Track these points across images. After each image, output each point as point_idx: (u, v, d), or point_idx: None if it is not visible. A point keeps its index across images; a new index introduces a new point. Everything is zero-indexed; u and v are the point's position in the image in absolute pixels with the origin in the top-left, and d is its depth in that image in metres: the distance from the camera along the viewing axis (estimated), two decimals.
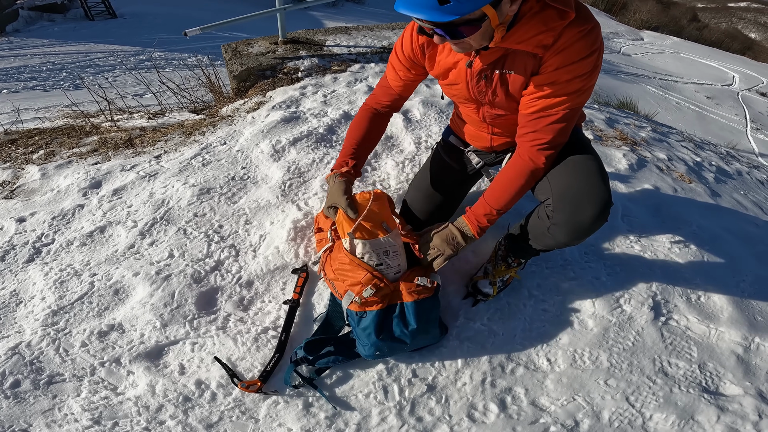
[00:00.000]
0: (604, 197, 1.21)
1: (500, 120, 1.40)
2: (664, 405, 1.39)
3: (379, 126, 1.55)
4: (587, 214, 1.21)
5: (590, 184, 1.23)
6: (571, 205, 1.24)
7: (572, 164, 1.29)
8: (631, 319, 1.59)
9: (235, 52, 3.30)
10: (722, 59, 16.77)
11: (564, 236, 1.29)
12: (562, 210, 1.26)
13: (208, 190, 2.01)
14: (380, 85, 1.53)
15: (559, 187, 1.28)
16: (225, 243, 1.77)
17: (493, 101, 1.29)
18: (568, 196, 1.25)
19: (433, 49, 1.32)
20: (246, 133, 2.43)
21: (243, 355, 1.44)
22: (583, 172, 1.26)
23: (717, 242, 1.95)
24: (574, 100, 1.16)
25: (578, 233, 1.26)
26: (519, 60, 1.17)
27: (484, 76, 1.24)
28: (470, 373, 1.44)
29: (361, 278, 1.36)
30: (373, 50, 3.47)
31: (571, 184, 1.26)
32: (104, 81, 7.38)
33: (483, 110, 1.39)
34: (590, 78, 1.14)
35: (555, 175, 1.31)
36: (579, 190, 1.24)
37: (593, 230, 1.25)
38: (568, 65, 1.10)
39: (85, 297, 1.56)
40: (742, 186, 2.82)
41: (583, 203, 1.22)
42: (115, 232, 1.84)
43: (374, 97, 1.55)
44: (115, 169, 2.22)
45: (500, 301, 1.62)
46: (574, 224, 1.24)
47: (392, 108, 1.54)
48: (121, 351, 1.41)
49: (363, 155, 1.52)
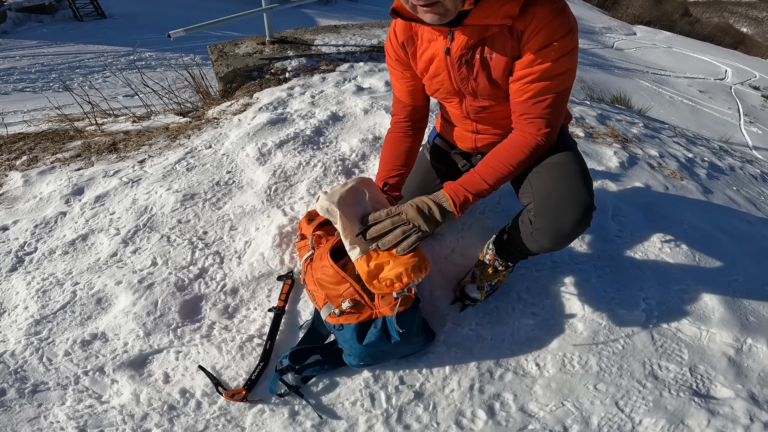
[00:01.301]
0: (585, 201, 1.18)
1: (484, 114, 1.37)
2: (654, 409, 1.37)
3: (407, 145, 1.50)
4: (569, 219, 1.19)
5: (571, 188, 1.21)
6: (552, 210, 1.22)
7: (554, 167, 1.27)
8: (621, 321, 1.57)
9: (221, 53, 3.26)
10: (714, 53, 16.80)
11: (547, 241, 1.27)
12: (544, 215, 1.23)
13: (192, 195, 1.98)
14: (394, 104, 1.51)
15: (540, 191, 1.26)
16: (209, 250, 1.74)
17: (476, 89, 1.26)
18: (549, 200, 1.23)
19: (414, 47, 1.30)
20: (232, 136, 2.40)
21: (228, 363, 1.41)
22: (564, 176, 1.24)
23: (708, 241, 1.93)
24: (563, 79, 1.14)
25: (560, 238, 1.24)
26: (498, 42, 1.14)
27: (465, 62, 1.21)
28: (458, 380, 1.42)
29: (342, 291, 1.33)
30: (362, 49, 3.44)
31: (553, 188, 1.23)
32: (94, 82, 7.34)
33: (466, 103, 1.35)
34: (573, 56, 1.12)
35: (537, 178, 1.29)
36: (560, 194, 1.21)
37: (576, 235, 1.23)
38: (550, 44, 1.08)
39: (68, 306, 1.54)
40: (734, 182, 2.81)
41: (565, 208, 1.19)
42: (98, 240, 1.81)
43: (393, 119, 1.53)
44: (97, 175, 2.19)
45: (488, 305, 1.60)
46: (555, 230, 1.22)
47: (413, 122, 1.50)
48: (105, 360, 1.39)
49: (399, 174, 1.49)
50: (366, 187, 1.37)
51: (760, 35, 26.82)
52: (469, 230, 1.82)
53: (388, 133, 1.53)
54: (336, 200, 1.29)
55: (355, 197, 1.33)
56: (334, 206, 1.29)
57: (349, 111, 2.63)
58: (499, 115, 1.35)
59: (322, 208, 1.31)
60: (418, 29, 1.27)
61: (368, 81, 3.04)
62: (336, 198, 1.30)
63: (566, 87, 1.17)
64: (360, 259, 1.28)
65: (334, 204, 1.29)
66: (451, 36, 1.17)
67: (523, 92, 1.18)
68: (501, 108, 1.31)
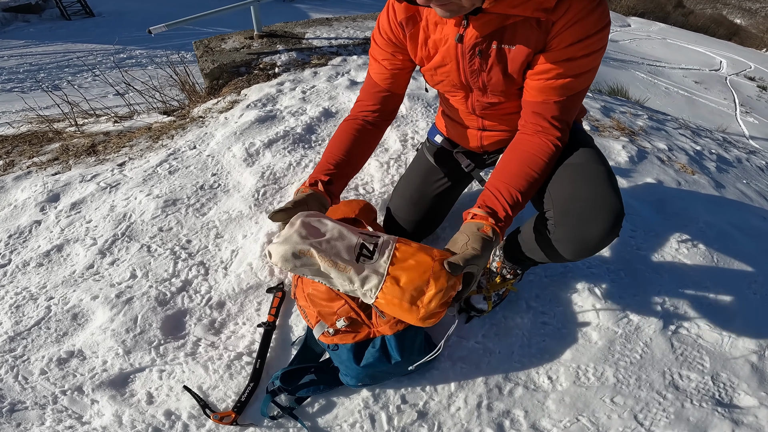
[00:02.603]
0: (615, 209, 1.03)
1: (492, 111, 1.23)
2: (676, 421, 1.27)
3: (365, 139, 1.27)
4: (596, 230, 1.03)
5: (598, 194, 1.05)
6: (576, 220, 1.06)
7: (575, 169, 1.12)
8: (638, 329, 1.46)
9: (207, 49, 3.12)
10: (709, 45, 16.73)
11: (568, 253, 1.11)
12: (566, 225, 1.08)
13: (174, 201, 1.85)
14: (363, 89, 1.30)
15: (561, 197, 1.10)
16: (193, 260, 1.61)
17: (487, 84, 1.12)
18: (572, 208, 1.07)
19: (415, 28, 1.13)
20: (217, 135, 2.26)
21: (215, 383, 1.30)
22: (588, 179, 1.08)
23: (725, 240, 1.82)
24: (587, 78, 1.02)
25: (585, 251, 1.09)
26: (521, 32, 0.99)
27: (479, 52, 1.05)
28: (464, 397, 1.30)
29: (337, 309, 1.21)
30: (355, 42, 3.30)
31: (576, 193, 1.07)
32: (84, 81, 7.19)
33: (472, 99, 1.21)
34: (601, 54, 1.00)
35: (555, 181, 1.13)
36: (585, 201, 1.05)
37: (603, 247, 1.08)
38: (584, 40, 0.95)
39: (42, 322, 1.43)
40: (743, 174, 2.70)
41: (591, 217, 1.04)
42: (73, 250, 1.69)
43: (358, 105, 1.30)
44: (74, 180, 2.05)
45: (495, 315, 1.48)
46: (580, 241, 1.07)
47: (382, 113, 1.28)
48: (83, 379, 1.29)
49: (342, 174, 1.21)
50: (318, 216, 1.09)
51: (754, 26, 26.79)
52: None
53: (344, 121, 1.29)
54: (297, 240, 1.01)
55: (318, 229, 1.06)
56: (302, 246, 1.00)
57: (342, 107, 2.50)
58: (506, 111, 1.22)
59: (284, 257, 0.99)
60: (423, 9, 1.11)
61: (362, 75, 2.90)
62: (295, 238, 1.01)
63: (587, 86, 1.06)
64: (387, 286, 0.99)
65: (300, 244, 1.00)
66: (466, 22, 1.02)
67: (542, 90, 1.04)
68: (511, 104, 1.18)
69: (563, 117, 1.07)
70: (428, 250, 1.03)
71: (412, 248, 1.03)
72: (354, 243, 1.03)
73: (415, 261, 0.99)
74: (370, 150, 1.32)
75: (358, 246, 1.03)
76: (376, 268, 1.00)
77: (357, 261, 1.00)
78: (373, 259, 1.01)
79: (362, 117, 1.29)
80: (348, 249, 1.02)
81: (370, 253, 1.02)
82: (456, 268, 0.95)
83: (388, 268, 0.99)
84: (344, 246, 1.02)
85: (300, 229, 1.02)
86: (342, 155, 1.23)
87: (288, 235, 1.01)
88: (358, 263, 1.00)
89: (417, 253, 1.01)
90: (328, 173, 1.19)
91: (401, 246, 1.04)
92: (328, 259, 0.99)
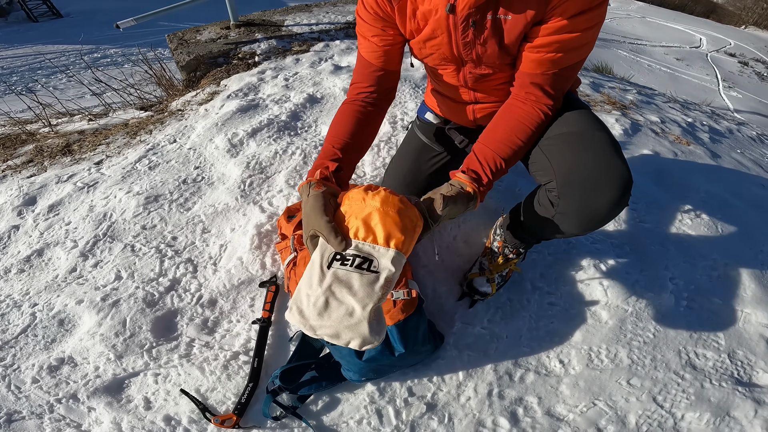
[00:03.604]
0: (623, 176, 0.95)
1: (485, 83, 1.16)
2: (697, 402, 1.22)
3: (368, 120, 1.19)
4: (604, 200, 0.96)
5: (603, 161, 0.98)
6: (582, 190, 0.98)
7: (576, 137, 1.04)
8: (649, 306, 1.40)
9: (181, 41, 2.99)
10: (688, 22, 16.80)
11: (575, 227, 1.05)
12: (571, 196, 1.00)
13: (156, 197, 1.75)
14: (356, 71, 1.21)
15: (563, 166, 1.02)
16: (180, 258, 1.52)
17: (482, 56, 1.04)
18: (576, 178, 0.99)
19: (404, 0, 1.05)
20: (198, 127, 2.16)
21: (213, 385, 1.23)
22: (591, 147, 1.01)
23: (728, 209, 1.78)
24: (584, 51, 0.96)
25: (592, 223, 1.02)
26: (518, 2, 0.92)
27: (473, 23, 0.98)
28: (474, 386, 1.24)
29: None
30: (337, 26, 3.19)
31: (579, 162, 1.00)
32: (59, 83, 6.96)
33: (464, 71, 1.14)
34: (599, 28, 0.94)
35: (556, 151, 1.06)
36: (590, 169, 0.98)
37: (611, 218, 1.01)
38: (586, 12, 0.88)
39: (29, 329, 1.37)
40: (736, 144, 2.67)
41: (598, 186, 0.96)
42: (54, 254, 1.60)
43: (354, 88, 1.21)
44: (50, 182, 1.94)
45: (500, 298, 1.42)
46: (587, 213, 1.00)
47: (380, 92, 1.20)
48: (77, 386, 1.23)
49: (349, 159, 1.11)
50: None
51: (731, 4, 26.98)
52: (470, 213, 1.62)
53: (342, 105, 1.21)
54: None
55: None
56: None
57: (327, 92, 2.40)
58: (500, 80, 1.14)
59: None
60: None
61: (346, 59, 2.81)
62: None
63: (585, 57, 1.00)
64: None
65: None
66: None
67: (540, 62, 0.98)
68: (504, 74, 1.11)
69: (559, 86, 1.02)
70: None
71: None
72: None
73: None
74: (374, 132, 1.23)
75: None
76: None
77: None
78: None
79: (361, 99, 1.20)
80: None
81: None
82: (420, 205, 0.93)
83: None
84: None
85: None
86: (347, 138, 1.13)
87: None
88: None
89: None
90: (335, 159, 1.08)
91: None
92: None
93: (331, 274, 0.88)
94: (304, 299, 0.90)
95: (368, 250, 0.88)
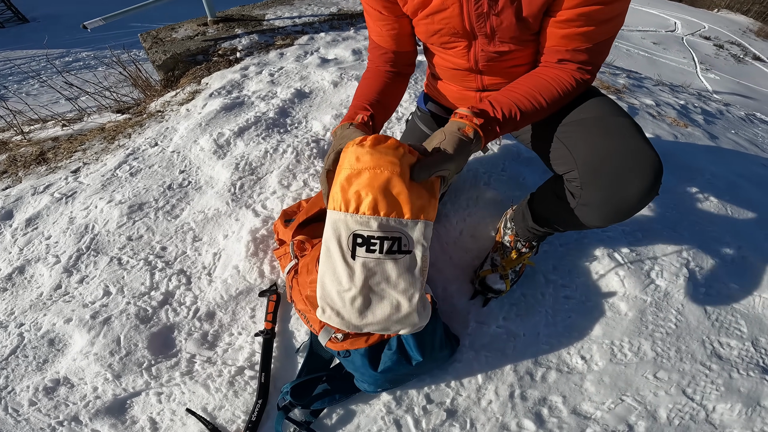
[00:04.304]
0: (654, 163, 0.87)
1: (497, 63, 1.06)
2: (727, 393, 1.18)
3: (393, 83, 1.17)
4: (634, 189, 0.88)
5: (632, 147, 0.89)
6: (609, 179, 0.90)
7: (598, 123, 0.96)
8: (667, 295, 1.35)
9: (156, 40, 2.84)
10: (662, 7, 17.00)
11: (599, 219, 0.97)
12: (596, 186, 0.92)
13: (140, 205, 1.63)
14: (370, 49, 1.20)
15: (587, 154, 0.94)
16: (172, 269, 1.42)
17: (496, 29, 0.95)
18: (603, 166, 0.91)
19: None
20: (181, 129, 2.04)
21: (220, 403, 1.15)
22: (617, 132, 0.93)
23: (735, 190, 1.75)
24: (617, 23, 0.88)
25: (620, 214, 0.94)
26: None
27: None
28: (494, 388, 1.18)
29: None
30: (321, 18, 3.08)
31: (605, 149, 0.92)
32: (31, 89, 6.70)
33: (476, 49, 1.04)
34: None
35: (577, 138, 0.97)
36: (617, 157, 0.90)
37: (640, 209, 0.93)
38: None
39: (18, 350, 1.28)
40: (729, 125, 2.66)
41: (627, 174, 0.89)
42: (37, 271, 1.48)
43: (372, 62, 1.20)
44: (26, 194, 1.81)
45: (513, 294, 1.36)
46: (615, 204, 0.92)
47: (400, 67, 1.18)
48: (77, 408, 1.15)
49: (378, 114, 1.07)
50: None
51: None
52: (474, 205, 1.56)
53: (372, 69, 1.19)
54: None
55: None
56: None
57: (316, 86, 2.30)
58: (514, 62, 1.05)
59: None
60: None
61: (333, 51, 2.70)
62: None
63: (618, 30, 0.91)
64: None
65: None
66: None
67: (570, 38, 0.90)
68: (520, 54, 1.01)
69: (594, 61, 0.94)
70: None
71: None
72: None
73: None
74: (400, 93, 1.20)
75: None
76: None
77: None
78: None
79: (382, 68, 1.18)
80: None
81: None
82: (421, 173, 0.82)
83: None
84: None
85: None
86: (375, 96, 1.10)
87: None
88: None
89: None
90: (366, 110, 1.04)
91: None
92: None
93: (360, 267, 0.79)
94: (335, 297, 0.81)
95: (394, 227, 0.79)
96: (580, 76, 0.95)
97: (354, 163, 0.80)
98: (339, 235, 0.80)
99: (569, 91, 0.95)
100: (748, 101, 7.43)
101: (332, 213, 0.82)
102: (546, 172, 1.70)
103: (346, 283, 0.79)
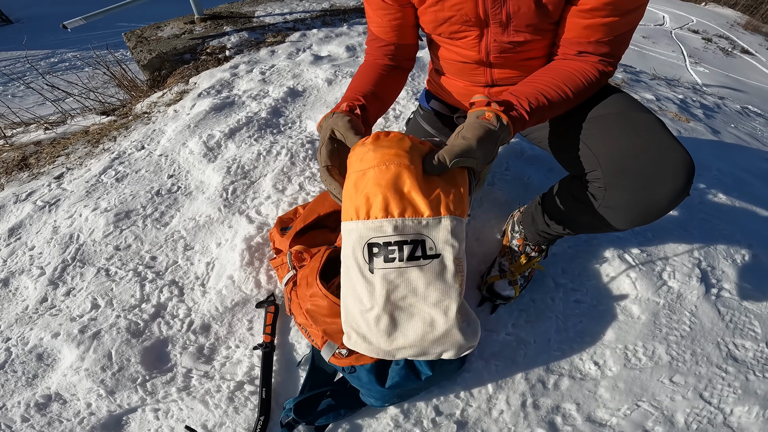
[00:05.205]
0: (686, 162, 0.81)
1: (510, 55, 0.99)
2: (744, 396, 1.14)
3: (391, 75, 1.10)
4: (666, 190, 0.82)
5: (662, 146, 0.83)
6: (637, 180, 0.84)
7: (620, 119, 0.90)
8: (680, 297, 1.31)
9: (140, 39, 2.75)
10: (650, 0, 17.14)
11: (623, 222, 0.91)
12: (623, 187, 0.86)
13: (127, 213, 1.55)
14: (368, 42, 1.13)
15: (612, 153, 0.88)
16: (163, 280, 1.35)
17: (512, 16, 0.89)
18: (631, 166, 0.85)
19: None
20: (168, 131, 1.95)
21: (221, 420, 1.09)
22: (643, 130, 0.86)
23: (742, 186, 1.71)
24: (639, 14, 0.83)
25: (649, 216, 0.87)
26: None
27: None
28: (506, 398, 1.13)
29: None
30: (313, 15, 3.00)
31: (632, 148, 0.85)
32: (17, 90, 6.55)
33: (488, 38, 0.97)
34: None
35: (598, 135, 0.91)
36: (647, 156, 0.84)
37: (669, 210, 0.87)
38: None
39: (6, 365, 1.22)
40: (728, 119, 2.63)
41: (656, 175, 0.82)
42: (21, 283, 1.41)
43: (369, 55, 1.13)
44: (8, 202, 1.72)
45: (522, 300, 1.30)
46: (643, 205, 0.86)
47: (399, 61, 1.12)
48: (71, 425, 1.10)
49: (372, 106, 0.99)
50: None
51: None
52: (478, 207, 1.51)
53: (369, 62, 1.13)
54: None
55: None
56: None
57: (309, 84, 2.23)
58: (528, 55, 0.99)
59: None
60: None
61: (326, 48, 2.63)
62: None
63: (637, 24, 0.87)
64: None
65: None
66: None
67: (592, 29, 0.84)
68: (536, 45, 0.95)
69: (615, 53, 0.88)
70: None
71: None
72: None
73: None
74: (398, 87, 1.13)
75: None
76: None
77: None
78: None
79: (380, 61, 1.11)
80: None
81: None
82: (436, 164, 0.73)
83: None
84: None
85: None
86: (370, 87, 1.02)
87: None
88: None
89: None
90: (359, 100, 0.96)
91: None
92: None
93: (381, 280, 0.69)
94: (359, 320, 0.72)
95: (413, 227, 0.69)
96: (603, 68, 0.89)
97: (358, 164, 0.73)
98: (353, 247, 0.72)
99: (593, 82, 0.89)
100: (738, 94, 7.46)
101: (344, 224, 0.74)
102: (552, 170, 1.65)
103: (367, 301, 0.70)
